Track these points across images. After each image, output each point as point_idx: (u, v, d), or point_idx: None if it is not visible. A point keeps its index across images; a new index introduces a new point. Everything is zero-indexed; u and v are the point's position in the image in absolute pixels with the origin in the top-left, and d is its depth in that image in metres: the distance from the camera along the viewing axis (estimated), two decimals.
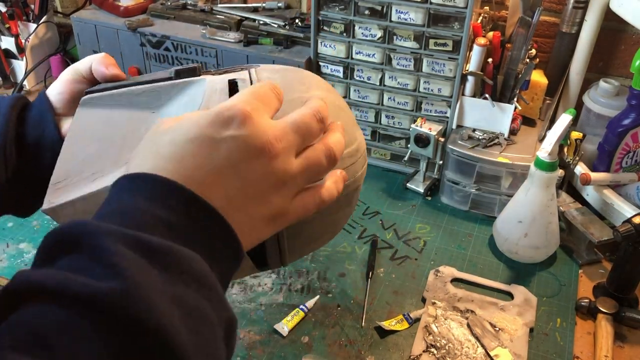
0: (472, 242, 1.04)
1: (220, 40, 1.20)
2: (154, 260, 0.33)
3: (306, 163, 0.42)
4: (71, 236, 0.33)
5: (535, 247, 0.97)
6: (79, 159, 0.50)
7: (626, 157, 1.06)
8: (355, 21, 1.08)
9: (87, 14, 1.32)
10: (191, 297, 0.33)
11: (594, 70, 1.18)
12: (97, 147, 0.51)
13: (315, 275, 0.96)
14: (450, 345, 0.83)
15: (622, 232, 0.84)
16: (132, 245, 0.33)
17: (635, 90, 0.98)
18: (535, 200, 0.94)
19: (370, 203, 1.13)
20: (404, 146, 1.20)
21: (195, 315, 0.33)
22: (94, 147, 0.51)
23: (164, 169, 0.37)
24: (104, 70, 0.56)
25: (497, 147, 1.07)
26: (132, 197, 0.36)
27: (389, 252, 1.01)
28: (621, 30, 1.15)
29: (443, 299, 0.91)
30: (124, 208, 0.35)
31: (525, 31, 1.03)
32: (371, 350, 0.83)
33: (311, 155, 0.42)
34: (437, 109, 1.12)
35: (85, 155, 0.51)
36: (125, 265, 0.31)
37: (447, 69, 1.07)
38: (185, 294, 0.33)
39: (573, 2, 1.09)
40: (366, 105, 1.18)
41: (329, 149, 0.43)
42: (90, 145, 0.51)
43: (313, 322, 0.87)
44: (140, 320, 0.30)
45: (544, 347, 0.84)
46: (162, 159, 0.38)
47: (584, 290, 0.94)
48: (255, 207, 0.39)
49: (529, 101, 1.14)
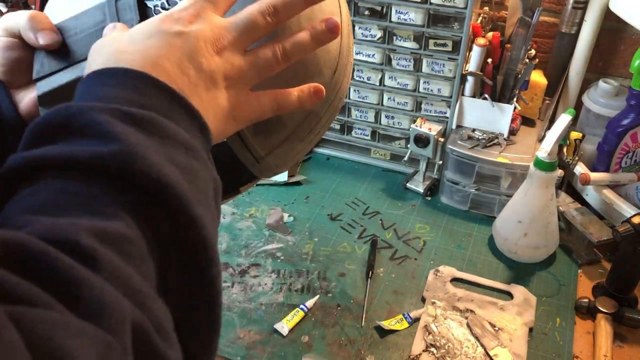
0: (472, 242, 1.04)
1: None
2: (141, 128, 0.35)
3: (253, 59, 0.44)
4: (59, 118, 0.34)
5: (535, 247, 0.97)
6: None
7: (625, 157, 1.06)
8: (355, 21, 1.08)
9: None
10: (181, 157, 0.36)
11: (594, 71, 1.18)
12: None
13: (315, 275, 0.96)
14: (449, 344, 0.83)
15: (622, 232, 0.84)
16: (117, 116, 0.34)
17: (634, 91, 0.98)
18: (535, 200, 0.94)
19: (370, 203, 1.14)
20: (404, 146, 1.20)
21: (189, 171, 0.36)
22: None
23: (132, 62, 0.39)
24: (33, 39, 0.48)
25: (496, 147, 1.07)
26: (102, 87, 0.37)
27: (389, 252, 1.01)
28: (621, 30, 1.15)
29: (443, 299, 0.91)
30: (97, 97, 0.37)
31: (524, 31, 1.03)
32: (371, 350, 0.83)
33: (259, 52, 0.45)
34: (436, 109, 1.13)
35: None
36: (118, 131, 0.33)
37: (446, 69, 1.07)
38: (175, 154, 0.35)
39: (572, 2, 1.09)
40: (366, 106, 1.18)
41: (281, 47, 0.45)
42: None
43: (313, 322, 0.87)
44: (145, 174, 0.32)
45: (544, 346, 0.84)
46: (126, 54, 0.40)
47: (584, 290, 0.95)
48: (212, 98, 0.42)
49: (528, 101, 1.14)
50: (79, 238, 0.29)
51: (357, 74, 1.14)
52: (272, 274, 0.96)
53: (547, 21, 1.19)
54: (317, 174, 1.22)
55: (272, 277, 0.95)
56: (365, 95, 1.17)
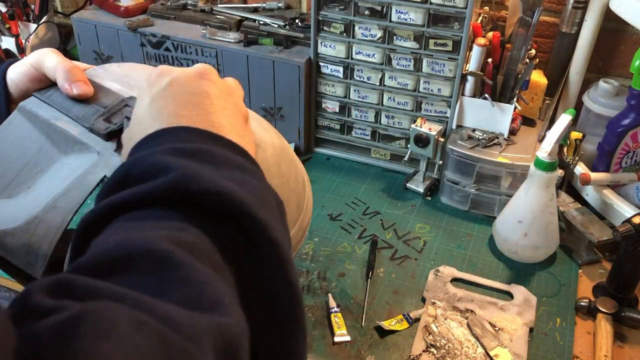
0: (472, 242, 1.04)
1: (221, 40, 1.20)
2: (193, 158, 0.36)
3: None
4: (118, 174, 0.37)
5: (535, 247, 0.97)
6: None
7: (626, 157, 1.06)
8: (355, 21, 1.08)
9: (88, 14, 1.32)
10: (238, 175, 0.37)
11: (594, 70, 1.18)
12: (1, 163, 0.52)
13: (315, 275, 0.96)
14: (450, 345, 0.83)
15: (622, 232, 0.84)
16: (169, 152, 0.36)
17: (634, 91, 0.98)
18: (535, 200, 0.94)
19: (370, 203, 1.14)
20: (404, 146, 1.20)
21: (247, 185, 0.36)
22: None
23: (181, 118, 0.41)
24: (68, 89, 0.53)
25: (496, 147, 1.07)
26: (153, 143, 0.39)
27: (389, 252, 1.01)
28: (621, 30, 1.15)
29: (443, 299, 0.91)
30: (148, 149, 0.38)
31: (525, 31, 1.03)
32: (371, 350, 0.83)
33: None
34: (437, 109, 1.12)
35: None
36: (171, 162, 0.35)
37: (447, 69, 1.07)
38: (231, 174, 0.36)
39: (573, 2, 1.09)
40: (366, 105, 1.18)
41: None
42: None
43: (313, 322, 0.87)
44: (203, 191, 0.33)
45: (544, 346, 0.84)
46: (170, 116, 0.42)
47: (584, 290, 0.94)
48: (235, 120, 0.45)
49: (528, 101, 1.14)
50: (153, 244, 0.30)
51: (357, 74, 1.14)
52: None
53: (547, 21, 1.19)
54: (317, 174, 1.22)
55: None
56: (365, 95, 1.17)
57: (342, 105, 1.20)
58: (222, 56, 1.20)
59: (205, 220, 0.34)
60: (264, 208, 0.36)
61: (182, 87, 0.43)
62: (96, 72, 0.57)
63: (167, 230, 0.32)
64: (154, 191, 0.33)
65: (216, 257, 0.33)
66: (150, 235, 0.31)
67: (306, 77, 1.16)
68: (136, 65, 0.62)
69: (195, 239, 0.32)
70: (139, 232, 0.31)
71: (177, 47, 1.23)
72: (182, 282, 0.29)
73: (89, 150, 0.51)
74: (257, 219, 0.34)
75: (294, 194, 0.57)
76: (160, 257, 0.29)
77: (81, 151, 0.52)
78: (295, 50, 1.18)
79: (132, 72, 0.58)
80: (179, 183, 0.33)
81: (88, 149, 0.51)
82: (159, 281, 0.29)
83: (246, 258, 0.34)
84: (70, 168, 0.51)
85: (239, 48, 1.18)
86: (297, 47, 1.19)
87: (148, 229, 0.32)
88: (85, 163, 0.50)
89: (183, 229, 0.32)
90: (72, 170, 0.50)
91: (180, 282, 0.29)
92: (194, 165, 0.35)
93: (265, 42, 1.19)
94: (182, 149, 0.36)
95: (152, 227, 0.32)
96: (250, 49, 1.18)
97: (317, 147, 1.28)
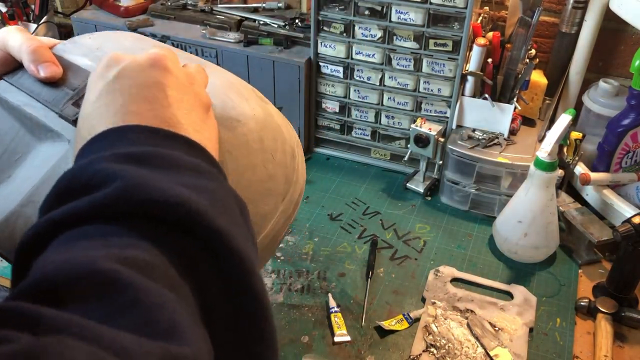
0: (472, 242, 1.04)
1: (221, 40, 1.20)
2: (140, 163, 0.34)
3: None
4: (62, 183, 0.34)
5: (535, 247, 0.97)
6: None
7: (626, 157, 1.06)
8: (355, 21, 1.08)
9: (88, 14, 1.33)
10: (192, 180, 0.34)
11: (594, 70, 1.18)
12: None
13: (315, 275, 0.96)
14: (450, 345, 0.83)
15: (622, 232, 0.84)
16: (114, 160, 0.33)
17: (634, 91, 0.98)
18: (535, 200, 0.94)
19: (370, 203, 1.14)
20: (404, 146, 1.20)
21: (203, 190, 0.34)
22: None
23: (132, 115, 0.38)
24: (35, 72, 0.49)
25: (496, 147, 1.07)
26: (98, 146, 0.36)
27: (389, 252, 1.01)
28: (621, 30, 1.15)
29: (443, 299, 0.91)
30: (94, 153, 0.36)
31: (525, 31, 1.03)
32: (371, 350, 0.83)
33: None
34: (437, 109, 1.13)
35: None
36: (116, 170, 0.32)
37: (447, 69, 1.07)
38: (184, 178, 0.34)
39: (573, 2, 1.09)
40: (366, 106, 1.18)
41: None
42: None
43: (313, 322, 0.87)
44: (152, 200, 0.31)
45: (544, 346, 0.84)
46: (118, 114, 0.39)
47: (584, 290, 0.95)
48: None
49: (528, 101, 1.14)
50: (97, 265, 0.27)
51: (357, 74, 1.14)
52: (272, 274, 0.96)
53: (547, 21, 1.19)
54: (317, 174, 1.22)
55: (272, 278, 0.95)
56: (365, 95, 1.17)
57: (342, 105, 1.20)
58: (222, 56, 1.20)
59: (156, 233, 0.31)
60: (224, 214, 0.33)
61: (132, 78, 0.40)
62: (65, 47, 0.53)
63: (112, 248, 0.29)
64: (97, 204, 0.31)
65: (171, 273, 0.30)
66: (93, 256, 0.28)
67: (306, 77, 1.16)
68: (111, 34, 0.57)
69: (145, 256, 0.29)
70: (81, 251, 0.29)
71: (177, 47, 1.23)
72: (131, 306, 0.26)
73: (61, 139, 0.49)
74: (214, 227, 0.31)
75: (281, 167, 0.54)
76: (105, 279, 0.27)
77: (54, 139, 0.49)
78: (295, 50, 1.18)
79: (105, 42, 0.54)
80: (123, 194, 0.31)
81: (60, 137, 0.49)
82: (104, 307, 0.26)
83: (206, 271, 0.31)
84: (44, 157, 0.49)
85: (239, 48, 1.18)
86: (297, 47, 1.19)
87: (91, 248, 0.29)
88: (58, 152, 0.48)
89: (131, 245, 0.29)
90: (45, 160, 0.48)
91: (129, 307, 0.26)
92: (141, 172, 0.32)
93: (265, 42, 1.19)
94: (128, 154, 0.33)
95: (96, 245, 0.29)
96: (250, 49, 1.18)
97: (317, 147, 1.28)
